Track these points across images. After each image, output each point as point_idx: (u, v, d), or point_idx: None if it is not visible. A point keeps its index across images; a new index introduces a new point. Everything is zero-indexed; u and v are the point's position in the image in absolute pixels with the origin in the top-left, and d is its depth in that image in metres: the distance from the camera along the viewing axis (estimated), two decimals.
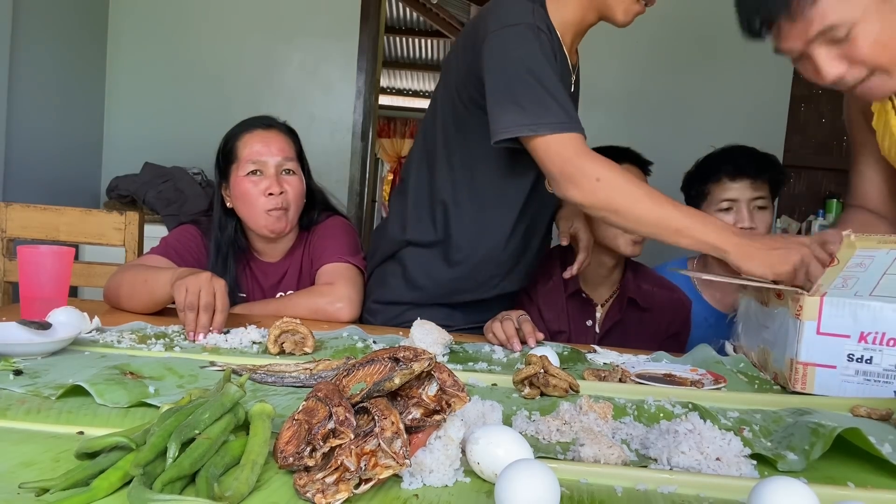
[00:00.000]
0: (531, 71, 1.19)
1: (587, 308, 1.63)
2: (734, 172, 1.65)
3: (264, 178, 1.45)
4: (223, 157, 1.51)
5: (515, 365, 1.09)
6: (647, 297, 1.61)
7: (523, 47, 1.20)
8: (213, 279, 1.17)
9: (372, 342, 1.17)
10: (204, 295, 1.14)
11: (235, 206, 1.49)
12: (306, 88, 3.40)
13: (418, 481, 0.60)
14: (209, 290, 1.15)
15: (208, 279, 1.16)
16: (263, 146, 1.47)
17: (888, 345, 0.94)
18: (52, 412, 0.73)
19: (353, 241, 1.57)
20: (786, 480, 0.53)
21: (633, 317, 1.61)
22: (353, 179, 3.41)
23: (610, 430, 0.76)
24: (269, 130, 1.50)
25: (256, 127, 1.50)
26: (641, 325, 1.60)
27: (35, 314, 1.10)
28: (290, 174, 1.49)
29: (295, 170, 1.50)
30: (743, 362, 1.15)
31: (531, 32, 1.20)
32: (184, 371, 0.90)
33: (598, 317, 1.63)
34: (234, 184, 1.47)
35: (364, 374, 0.64)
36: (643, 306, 1.60)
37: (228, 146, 1.50)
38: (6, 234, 1.77)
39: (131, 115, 3.39)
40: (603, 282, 1.64)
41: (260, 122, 1.52)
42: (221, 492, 0.53)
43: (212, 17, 3.36)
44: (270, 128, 1.51)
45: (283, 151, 1.48)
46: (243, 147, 1.47)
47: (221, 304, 1.16)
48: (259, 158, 1.46)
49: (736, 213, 1.64)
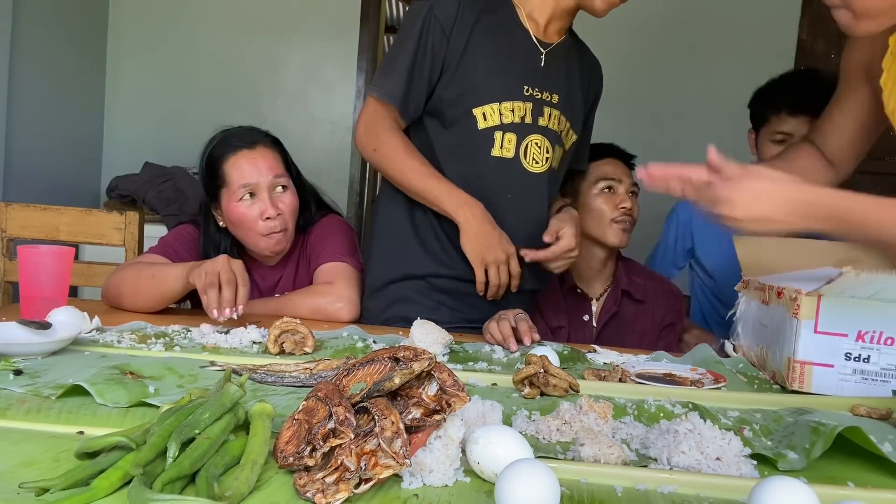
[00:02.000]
0: (398, 42, 1.38)
1: (583, 303, 1.66)
2: (794, 107, 1.60)
3: (258, 202, 1.41)
4: (210, 178, 1.46)
5: (515, 365, 1.09)
6: (640, 289, 1.64)
7: (409, 21, 1.38)
8: (231, 260, 1.21)
9: (372, 342, 1.17)
10: (224, 272, 1.19)
11: (231, 229, 1.47)
12: (306, 88, 3.40)
13: (418, 481, 0.60)
14: (228, 268, 1.19)
15: (225, 259, 1.21)
16: (252, 167, 1.41)
17: (886, 344, 0.94)
18: (52, 412, 0.73)
19: (350, 239, 1.57)
20: (786, 480, 0.53)
21: (629, 309, 1.64)
22: (353, 179, 3.41)
23: (610, 430, 0.76)
24: (254, 149, 1.43)
25: (241, 147, 1.43)
26: (637, 317, 1.63)
27: (35, 314, 1.10)
28: (283, 191, 1.44)
29: (287, 184, 1.46)
30: (742, 362, 1.15)
31: (425, 10, 1.34)
32: (184, 371, 0.90)
33: (595, 310, 1.66)
34: (228, 209, 1.43)
35: (364, 374, 0.64)
36: (637, 298, 1.63)
37: (214, 169, 1.44)
38: (6, 234, 1.77)
39: (131, 115, 3.39)
40: (596, 276, 1.66)
41: (243, 140, 1.44)
42: (221, 492, 0.53)
43: (212, 18, 3.35)
44: (255, 145, 1.44)
45: (273, 169, 1.43)
46: (231, 170, 1.41)
47: (242, 279, 1.20)
48: (250, 181, 1.40)
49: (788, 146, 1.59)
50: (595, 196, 1.59)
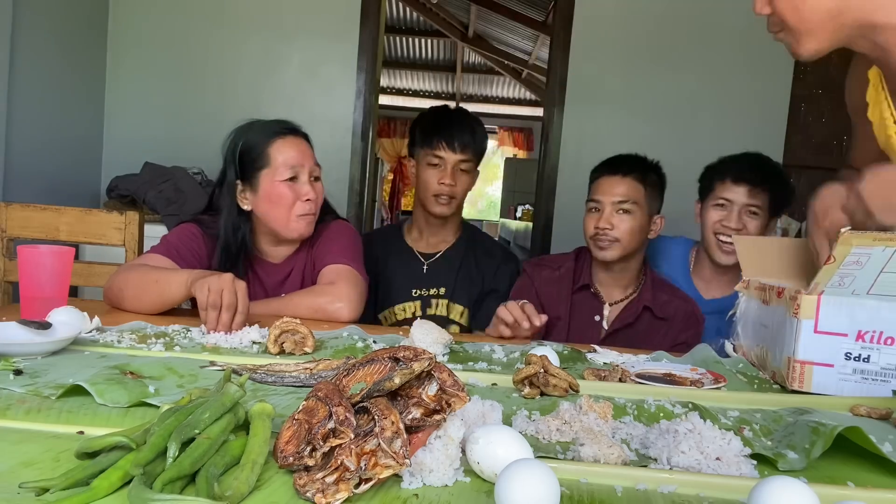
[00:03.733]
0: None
1: (595, 303, 1.69)
2: (737, 177, 1.77)
3: (301, 184, 1.50)
4: (249, 159, 1.50)
5: (515, 365, 1.09)
6: (663, 307, 1.66)
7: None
8: (236, 281, 1.20)
9: (372, 342, 1.17)
10: (227, 295, 1.17)
11: (262, 208, 1.51)
12: (306, 88, 3.40)
13: (418, 481, 0.60)
14: (231, 290, 1.18)
15: (231, 280, 1.20)
16: (299, 153, 1.51)
17: (886, 343, 0.94)
18: (52, 412, 0.73)
19: (357, 246, 1.59)
20: (786, 480, 0.53)
21: (646, 324, 1.66)
22: (353, 179, 3.41)
23: (610, 430, 0.76)
24: (298, 138, 1.54)
25: (287, 133, 1.53)
26: (652, 333, 1.64)
27: (35, 314, 1.10)
28: (317, 181, 1.55)
29: (320, 176, 1.56)
30: (742, 362, 1.15)
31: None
32: (184, 371, 0.90)
33: (607, 314, 1.68)
34: (270, 188, 1.48)
35: (364, 374, 0.64)
36: (658, 315, 1.65)
37: (258, 150, 1.50)
38: (6, 234, 1.77)
39: (131, 115, 3.38)
40: (614, 283, 1.71)
41: (286, 128, 1.54)
42: (221, 491, 0.54)
43: (212, 17, 3.35)
44: (298, 135, 1.55)
45: (313, 158, 1.54)
46: (277, 153, 1.49)
47: (243, 305, 1.19)
48: (296, 164, 1.49)
49: (727, 212, 1.77)
50: (585, 214, 1.70)
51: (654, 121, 3.28)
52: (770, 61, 3.11)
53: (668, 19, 3.22)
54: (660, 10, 3.22)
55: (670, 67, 3.26)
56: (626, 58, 3.28)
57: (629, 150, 1.70)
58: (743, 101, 3.24)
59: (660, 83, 3.28)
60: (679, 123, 3.27)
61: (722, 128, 3.23)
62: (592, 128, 3.28)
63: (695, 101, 3.27)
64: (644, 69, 3.28)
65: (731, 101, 3.25)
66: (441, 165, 1.81)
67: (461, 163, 1.81)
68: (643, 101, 3.29)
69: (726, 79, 3.23)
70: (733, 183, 1.76)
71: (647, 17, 3.21)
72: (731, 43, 3.16)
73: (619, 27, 3.24)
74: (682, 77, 3.26)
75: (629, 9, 3.23)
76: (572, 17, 3.22)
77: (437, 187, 1.81)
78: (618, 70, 3.30)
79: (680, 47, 3.26)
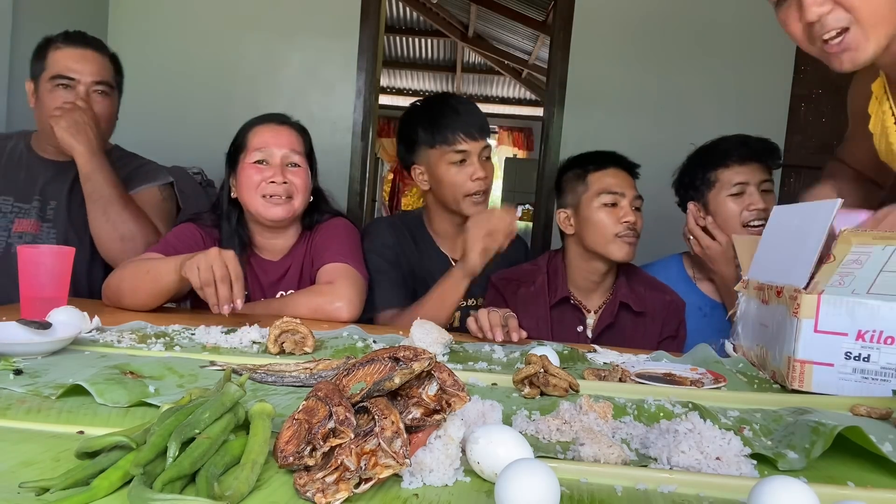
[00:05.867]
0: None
1: (577, 314, 1.61)
2: (744, 156, 1.65)
3: (269, 168, 1.50)
4: (234, 147, 1.56)
5: (515, 365, 1.09)
6: (640, 301, 1.59)
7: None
8: (222, 252, 1.21)
9: (372, 342, 1.17)
10: (217, 268, 1.19)
11: (239, 193, 1.53)
12: (306, 88, 3.40)
13: (418, 481, 0.60)
14: (221, 263, 1.20)
15: (216, 253, 1.21)
16: (272, 137, 1.52)
17: (886, 343, 0.94)
18: (52, 412, 0.73)
19: (356, 243, 1.58)
20: (786, 480, 0.53)
21: (626, 321, 1.59)
22: (353, 179, 3.41)
23: (610, 430, 0.76)
24: (280, 125, 1.56)
25: (270, 121, 1.56)
26: (635, 329, 1.59)
27: (35, 314, 1.10)
28: (295, 167, 1.52)
29: (300, 163, 1.53)
30: (742, 362, 1.15)
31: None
32: (184, 370, 0.90)
33: (590, 322, 1.61)
34: (240, 171, 1.51)
35: (364, 374, 0.64)
36: (636, 310, 1.58)
37: (240, 137, 1.55)
38: None
39: (131, 115, 3.38)
40: (596, 288, 1.63)
41: (274, 117, 1.58)
42: (221, 491, 0.53)
43: (212, 17, 3.35)
44: (283, 123, 1.57)
45: (291, 145, 1.53)
46: (253, 137, 1.52)
47: (235, 273, 1.21)
48: (266, 148, 1.50)
49: (748, 196, 1.63)
50: (597, 209, 1.55)
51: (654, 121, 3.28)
52: (770, 61, 3.10)
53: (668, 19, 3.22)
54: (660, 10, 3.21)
55: (670, 67, 3.26)
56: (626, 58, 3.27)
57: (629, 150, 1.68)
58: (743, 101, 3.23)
59: (660, 83, 3.27)
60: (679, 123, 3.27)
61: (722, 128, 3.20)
62: (592, 128, 3.27)
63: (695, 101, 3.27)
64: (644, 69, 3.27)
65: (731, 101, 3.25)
66: (467, 160, 1.60)
67: (484, 150, 1.63)
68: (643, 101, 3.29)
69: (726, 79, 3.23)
70: (741, 164, 1.64)
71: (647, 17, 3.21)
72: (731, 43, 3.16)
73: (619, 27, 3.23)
74: (683, 77, 3.26)
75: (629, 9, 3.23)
76: (572, 17, 3.22)
77: (471, 185, 1.59)
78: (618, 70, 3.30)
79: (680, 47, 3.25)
